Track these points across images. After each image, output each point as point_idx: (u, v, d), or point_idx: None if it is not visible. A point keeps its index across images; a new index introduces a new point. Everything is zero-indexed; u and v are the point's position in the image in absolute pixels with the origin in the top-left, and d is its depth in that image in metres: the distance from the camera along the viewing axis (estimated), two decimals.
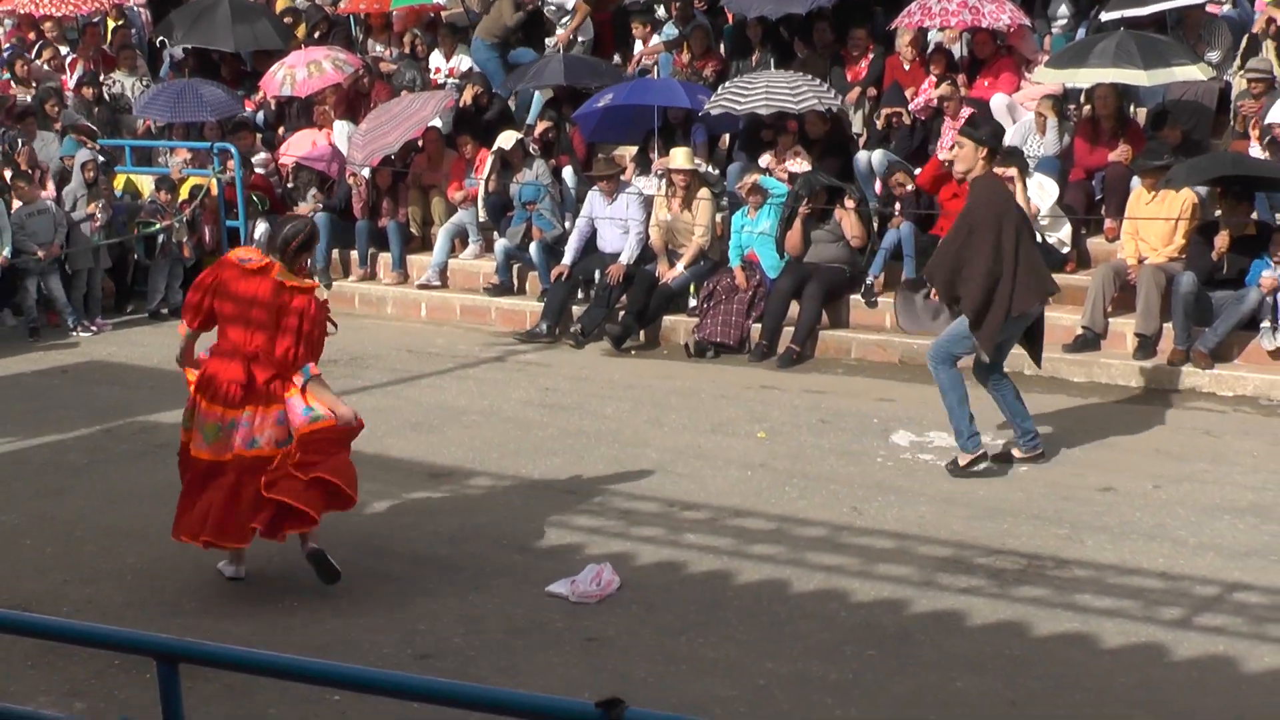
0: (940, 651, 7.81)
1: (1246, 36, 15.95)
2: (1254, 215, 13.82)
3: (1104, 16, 16.08)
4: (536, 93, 18.01)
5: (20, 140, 17.18)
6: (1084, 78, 15.00)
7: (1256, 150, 14.42)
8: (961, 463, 10.71)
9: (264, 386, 8.53)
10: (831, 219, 14.75)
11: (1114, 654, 7.78)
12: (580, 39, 18.69)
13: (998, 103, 16.05)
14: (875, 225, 15.40)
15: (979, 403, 10.99)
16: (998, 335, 10.69)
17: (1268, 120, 14.47)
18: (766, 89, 15.64)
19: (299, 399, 8.56)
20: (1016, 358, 11.68)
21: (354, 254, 17.48)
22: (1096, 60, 14.65)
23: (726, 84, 16.35)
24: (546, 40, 19.39)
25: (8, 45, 20.57)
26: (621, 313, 15.23)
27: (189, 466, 8.83)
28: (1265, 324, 13.27)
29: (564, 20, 18.90)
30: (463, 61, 18.77)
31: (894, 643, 7.92)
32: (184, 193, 17.25)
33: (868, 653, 7.79)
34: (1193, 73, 14.70)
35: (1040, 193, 14.49)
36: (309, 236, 8.83)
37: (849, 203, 14.76)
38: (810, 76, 16.14)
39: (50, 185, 16.62)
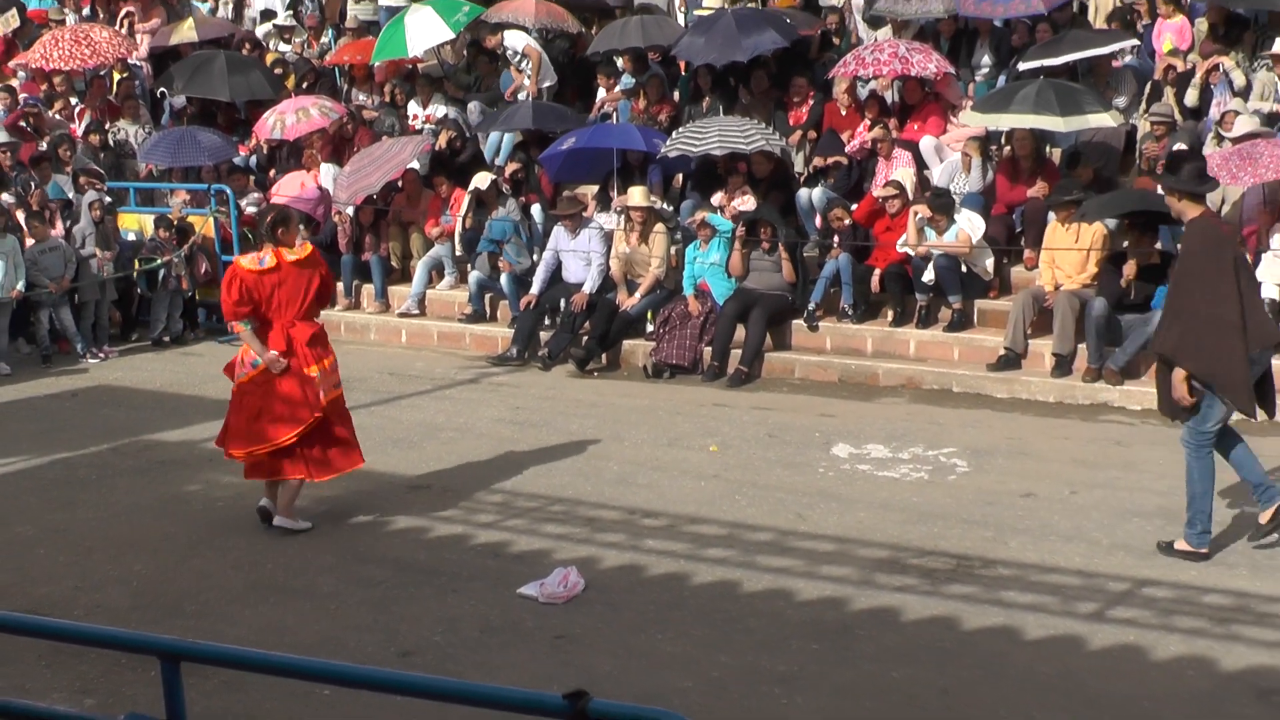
0: (878, 644, 7.83)
1: (1149, 84, 16.08)
2: (1158, 246, 13.92)
3: (1022, 66, 16.18)
4: (507, 136, 18.02)
5: (34, 183, 17.15)
6: (1006, 122, 15.07)
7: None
8: (1178, 546, 8.99)
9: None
10: (776, 251, 14.80)
11: (1035, 645, 7.80)
12: (546, 84, 18.71)
13: (926, 144, 16.12)
14: (817, 255, 15.45)
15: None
16: (1248, 384, 8.86)
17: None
18: (720, 133, 15.71)
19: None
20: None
21: (340, 285, 17.45)
22: (1018, 106, 14.73)
23: (681, 128, 16.38)
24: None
25: (26, 97, 20.47)
26: (585, 337, 15.23)
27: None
28: None
29: (519, 63, 18.91)
30: (438, 109, 18.76)
31: (836, 637, 7.93)
32: (198, 226, 17.27)
33: (812, 646, 7.80)
34: (1105, 119, 14.78)
35: (971, 225, 14.59)
36: (278, 213, 10.13)
37: (764, 243, 14.83)
38: (758, 121, 16.22)
39: (60, 224, 16.56)
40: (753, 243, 14.89)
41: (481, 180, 16.81)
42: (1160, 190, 9.51)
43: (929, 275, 14.48)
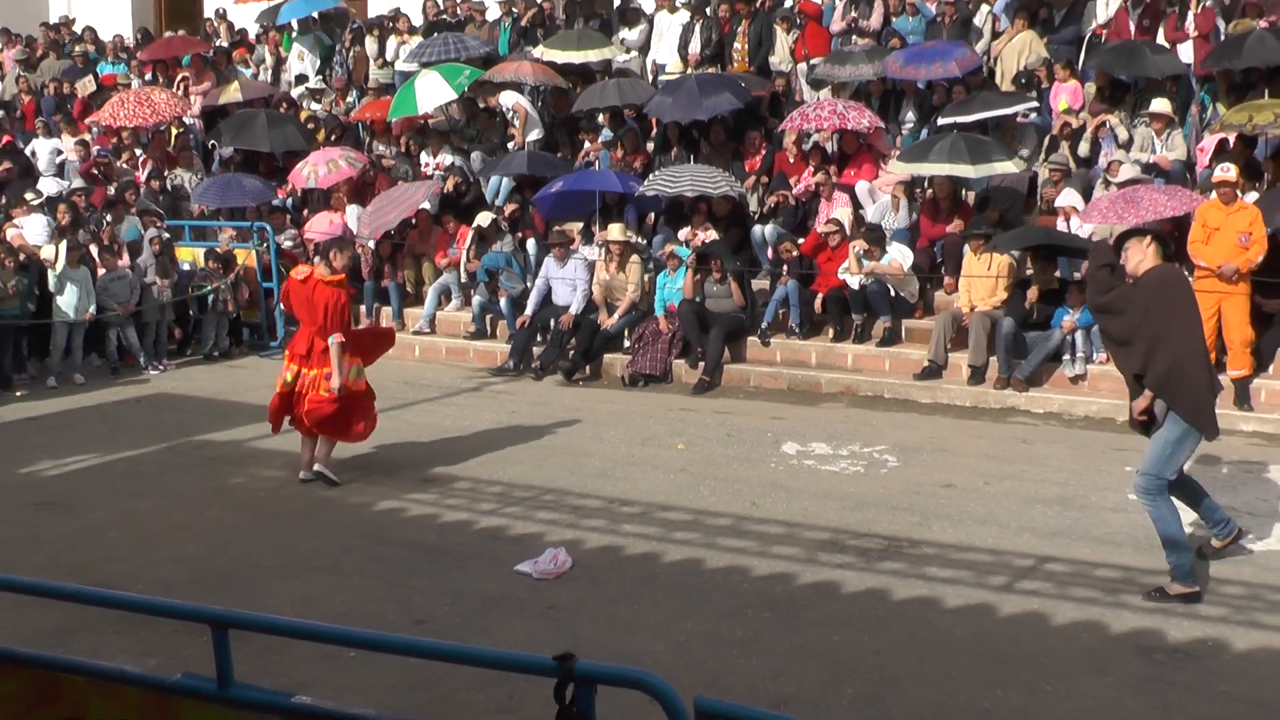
0: (820, 613, 7.83)
1: (1048, 137, 16.15)
2: (1057, 273, 13.99)
3: (940, 121, 16.25)
4: (505, 180, 18.04)
5: (105, 221, 17.14)
6: (926, 170, 15.13)
7: (1060, 224, 14.57)
8: (1171, 591, 7.91)
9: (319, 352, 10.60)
10: (727, 281, 14.82)
11: (954, 612, 7.82)
12: (533, 135, 18.71)
13: (861, 188, 16.16)
14: (769, 282, 15.48)
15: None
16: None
17: (1060, 202, 14.64)
18: (692, 178, 15.77)
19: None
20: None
21: (362, 308, 17.43)
22: (935, 156, 14.78)
23: (655, 173, 16.41)
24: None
25: (99, 149, 20.44)
26: (571, 352, 15.22)
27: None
28: (1066, 357, 13.46)
29: (511, 117, 18.97)
30: (446, 158, 18.75)
31: (785, 606, 7.93)
32: (242, 258, 17.25)
33: (765, 615, 7.80)
34: (1008, 166, 14.84)
35: (900, 256, 14.64)
36: (337, 241, 11.16)
37: (715, 274, 14.86)
38: (719, 168, 16.27)
39: (126, 256, 16.53)
40: (705, 271, 14.94)
41: (483, 218, 16.86)
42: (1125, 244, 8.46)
43: (869, 282, 14.52)
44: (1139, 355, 7.90)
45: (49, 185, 19.10)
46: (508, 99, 18.89)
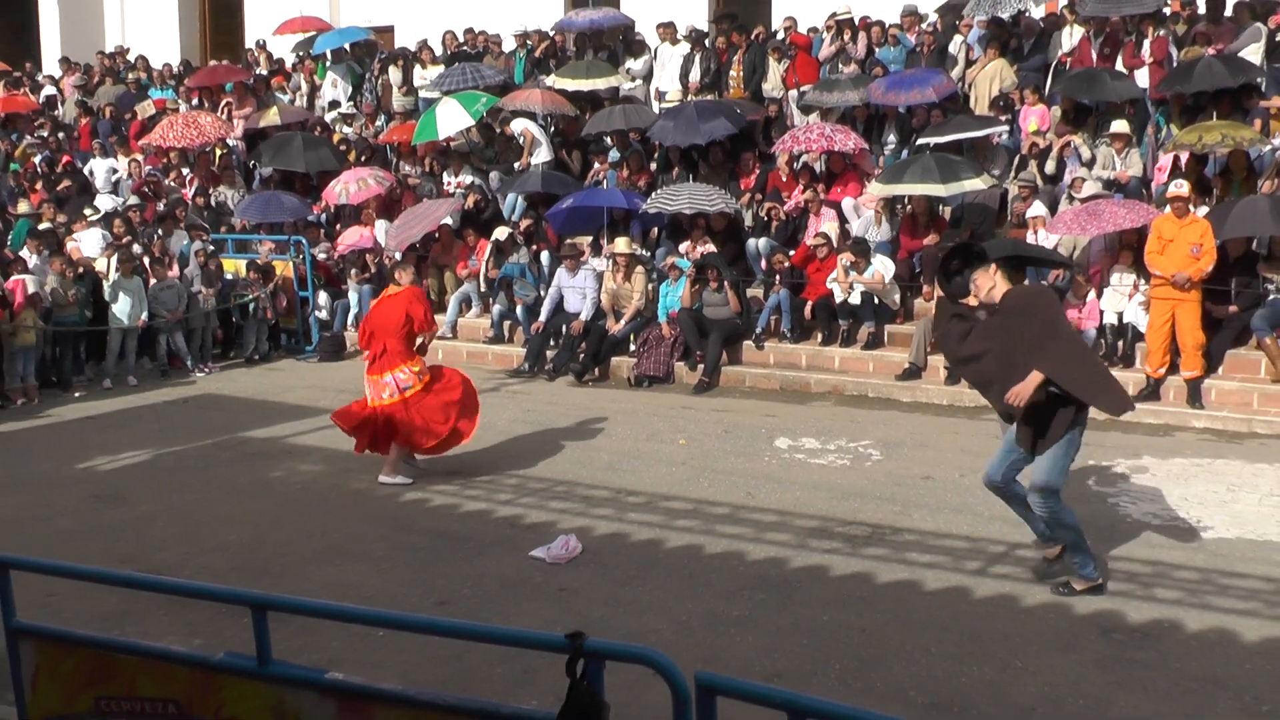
0: (811, 594, 7.83)
1: (1018, 156, 16.14)
2: (1026, 282, 13.92)
3: (919, 142, 16.24)
4: (519, 197, 18.05)
5: (156, 235, 17.16)
6: (900, 190, 15.08)
7: (1030, 236, 14.55)
8: (1078, 587, 7.73)
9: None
10: (724, 289, 14.81)
11: (933, 594, 7.82)
12: (543, 159, 18.68)
13: (847, 204, 16.14)
14: (763, 291, 15.47)
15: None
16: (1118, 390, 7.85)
17: (1031, 214, 14.62)
18: (690, 195, 15.75)
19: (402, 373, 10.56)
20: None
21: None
22: (909, 177, 14.74)
23: (657, 191, 16.40)
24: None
25: (149, 169, 20.48)
26: (582, 355, 15.22)
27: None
28: None
29: (522, 142, 18.99)
30: (466, 177, 18.75)
31: (778, 588, 7.94)
32: (280, 269, 17.28)
33: (759, 596, 7.81)
34: (977, 183, 14.79)
35: (883, 267, 14.63)
36: (401, 258, 11.49)
37: (713, 283, 14.84)
38: (717, 186, 16.26)
39: (176, 267, 16.54)
40: (703, 281, 14.94)
41: (501, 233, 16.85)
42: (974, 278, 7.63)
43: (855, 298, 14.52)
44: (1018, 378, 7.31)
45: (105, 202, 19.14)
46: (517, 125, 18.92)
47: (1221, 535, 8.88)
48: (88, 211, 17.54)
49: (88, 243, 16.40)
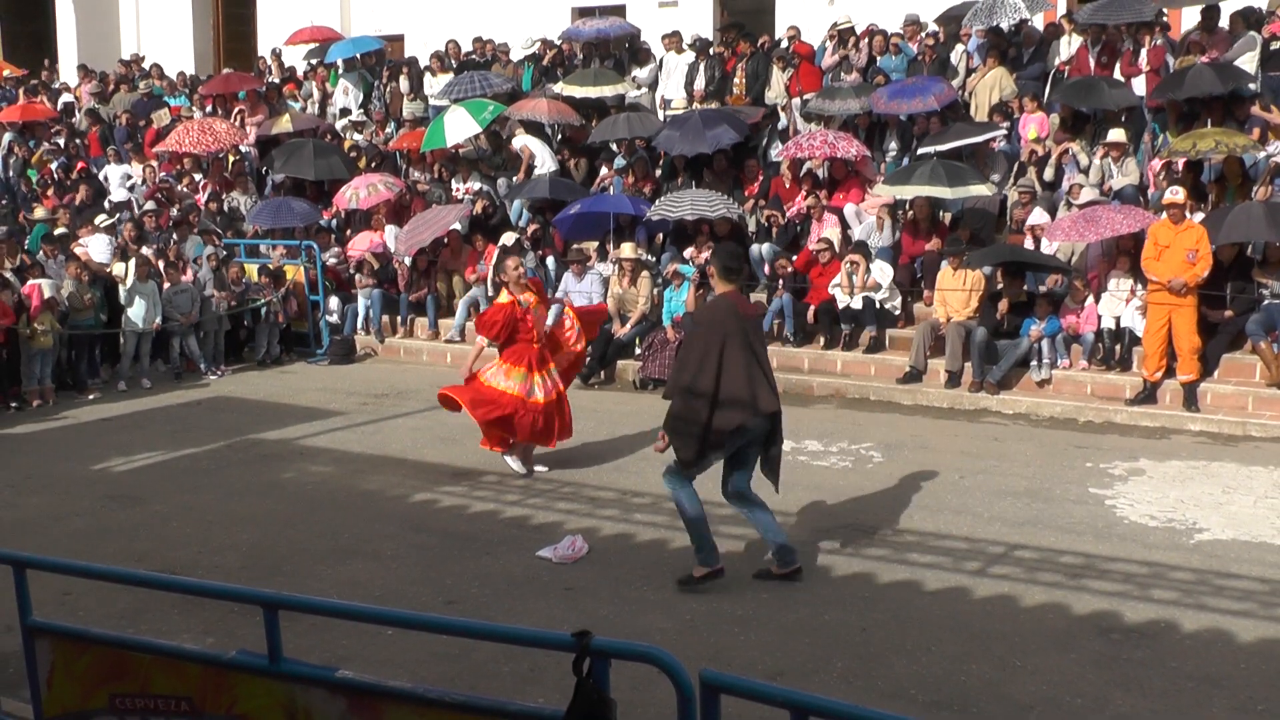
0: (813, 594, 7.83)
1: (1017, 163, 16.14)
2: (1025, 287, 13.97)
3: (920, 150, 16.23)
4: (524, 203, 18.09)
5: (173, 240, 17.18)
6: (909, 192, 15.10)
7: (1028, 242, 14.56)
8: (696, 574, 7.89)
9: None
10: None
11: (933, 594, 7.81)
12: (550, 169, 18.69)
13: (849, 210, 16.14)
14: (766, 295, 15.46)
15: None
16: (697, 442, 7.71)
17: (1030, 221, 14.65)
18: (692, 202, 15.75)
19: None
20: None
21: (398, 317, 17.45)
22: (917, 180, 14.78)
23: (661, 198, 16.41)
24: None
25: (163, 174, 20.53)
26: (588, 358, 15.20)
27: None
28: (1034, 363, 13.44)
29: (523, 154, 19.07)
30: (475, 184, 18.77)
31: (780, 587, 7.93)
32: (291, 274, 17.29)
33: (762, 595, 7.80)
34: (982, 189, 14.85)
35: (882, 273, 14.63)
36: (498, 258, 11.37)
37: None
38: (720, 193, 16.26)
39: (189, 271, 16.56)
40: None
41: (508, 238, 16.85)
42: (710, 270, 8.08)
43: (857, 303, 14.52)
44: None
45: (118, 197, 19.20)
46: (518, 142, 18.99)
47: (1217, 537, 8.87)
48: (100, 218, 17.58)
49: (95, 248, 16.43)
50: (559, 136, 19.60)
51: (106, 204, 19.39)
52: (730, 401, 7.60)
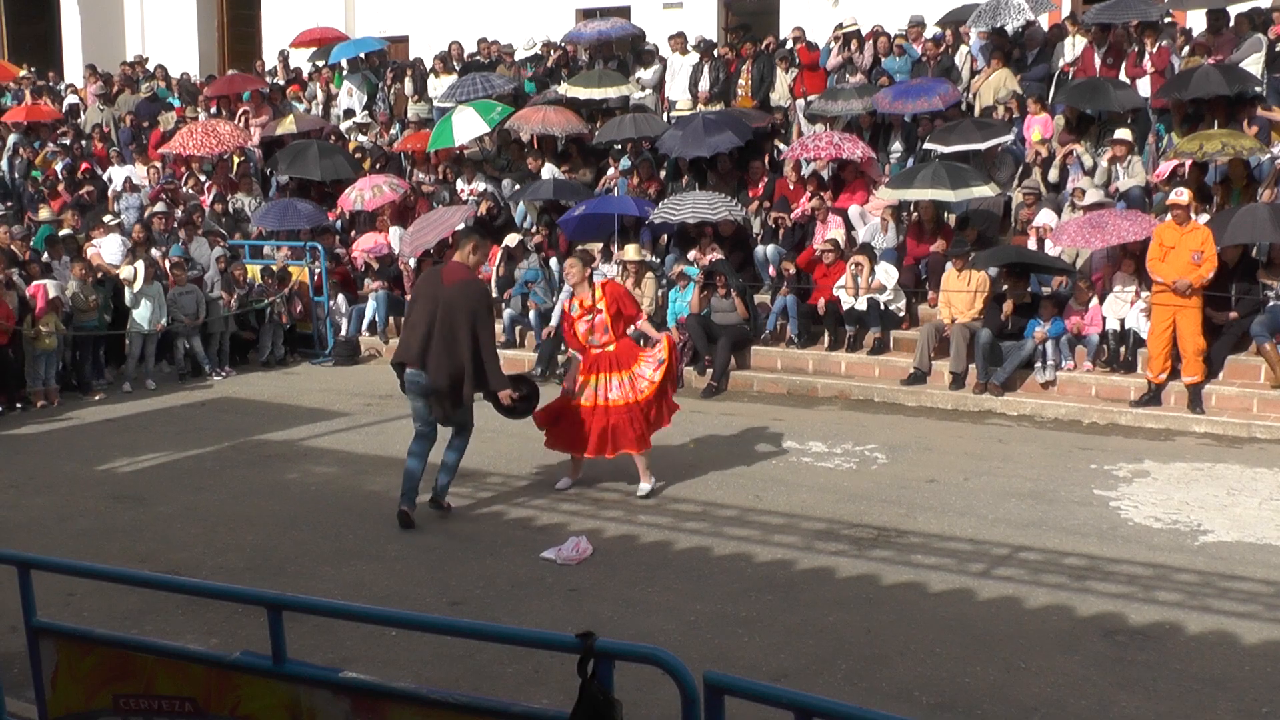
0: (817, 595, 7.82)
1: (1022, 165, 16.13)
2: (1029, 289, 13.95)
3: (925, 147, 16.23)
4: (527, 208, 18.11)
5: (180, 241, 17.20)
6: (911, 195, 15.11)
7: (1032, 243, 14.55)
8: (442, 503, 9.62)
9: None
10: (731, 296, 14.80)
11: (937, 596, 7.80)
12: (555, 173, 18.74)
13: (854, 211, 16.14)
14: (770, 297, 15.46)
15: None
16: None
17: (1036, 222, 14.64)
18: (694, 204, 15.74)
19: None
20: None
21: (404, 319, 17.41)
22: (920, 182, 14.78)
23: (665, 200, 16.40)
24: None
25: (167, 175, 20.55)
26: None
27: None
28: (1038, 364, 13.42)
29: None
30: (479, 185, 18.78)
31: (785, 590, 7.93)
32: (296, 275, 17.30)
33: (766, 597, 7.80)
34: (985, 191, 14.85)
35: (886, 274, 14.62)
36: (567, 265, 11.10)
37: (720, 290, 14.81)
38: (724, 194, 16.25)
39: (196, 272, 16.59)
40: (711, 287, 14.93)
41: (512, 239, 16.87)
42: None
43: (861, 304, 14.52)
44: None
45: (127, 204, 19.22)
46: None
47: (1221, 539, 8.86)
48: (107, 217, 17.60)
49: (107, 249, 16.45)
50: (563, 139, 19.57)
51: (114, 206, 19.40)
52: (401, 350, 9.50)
